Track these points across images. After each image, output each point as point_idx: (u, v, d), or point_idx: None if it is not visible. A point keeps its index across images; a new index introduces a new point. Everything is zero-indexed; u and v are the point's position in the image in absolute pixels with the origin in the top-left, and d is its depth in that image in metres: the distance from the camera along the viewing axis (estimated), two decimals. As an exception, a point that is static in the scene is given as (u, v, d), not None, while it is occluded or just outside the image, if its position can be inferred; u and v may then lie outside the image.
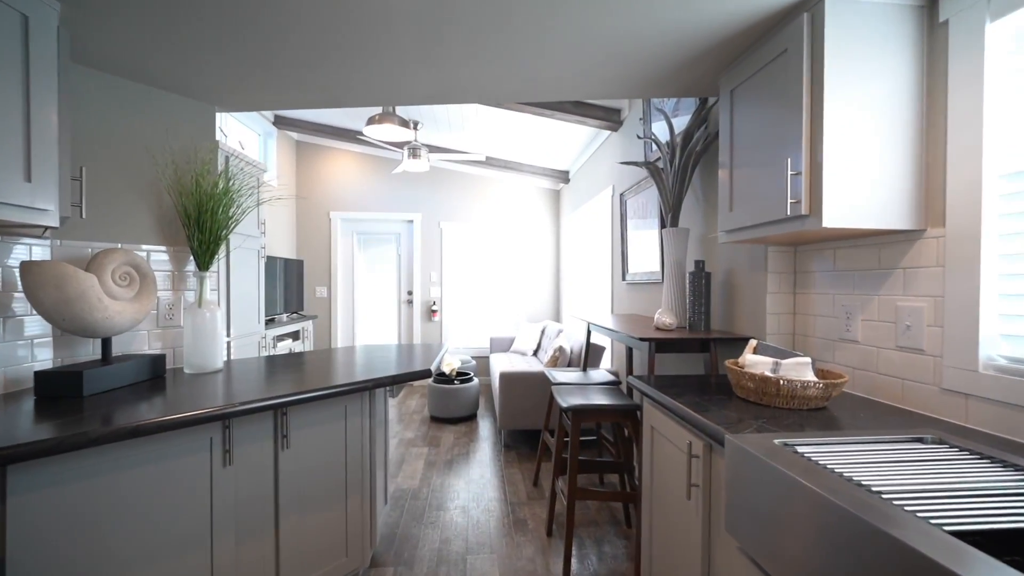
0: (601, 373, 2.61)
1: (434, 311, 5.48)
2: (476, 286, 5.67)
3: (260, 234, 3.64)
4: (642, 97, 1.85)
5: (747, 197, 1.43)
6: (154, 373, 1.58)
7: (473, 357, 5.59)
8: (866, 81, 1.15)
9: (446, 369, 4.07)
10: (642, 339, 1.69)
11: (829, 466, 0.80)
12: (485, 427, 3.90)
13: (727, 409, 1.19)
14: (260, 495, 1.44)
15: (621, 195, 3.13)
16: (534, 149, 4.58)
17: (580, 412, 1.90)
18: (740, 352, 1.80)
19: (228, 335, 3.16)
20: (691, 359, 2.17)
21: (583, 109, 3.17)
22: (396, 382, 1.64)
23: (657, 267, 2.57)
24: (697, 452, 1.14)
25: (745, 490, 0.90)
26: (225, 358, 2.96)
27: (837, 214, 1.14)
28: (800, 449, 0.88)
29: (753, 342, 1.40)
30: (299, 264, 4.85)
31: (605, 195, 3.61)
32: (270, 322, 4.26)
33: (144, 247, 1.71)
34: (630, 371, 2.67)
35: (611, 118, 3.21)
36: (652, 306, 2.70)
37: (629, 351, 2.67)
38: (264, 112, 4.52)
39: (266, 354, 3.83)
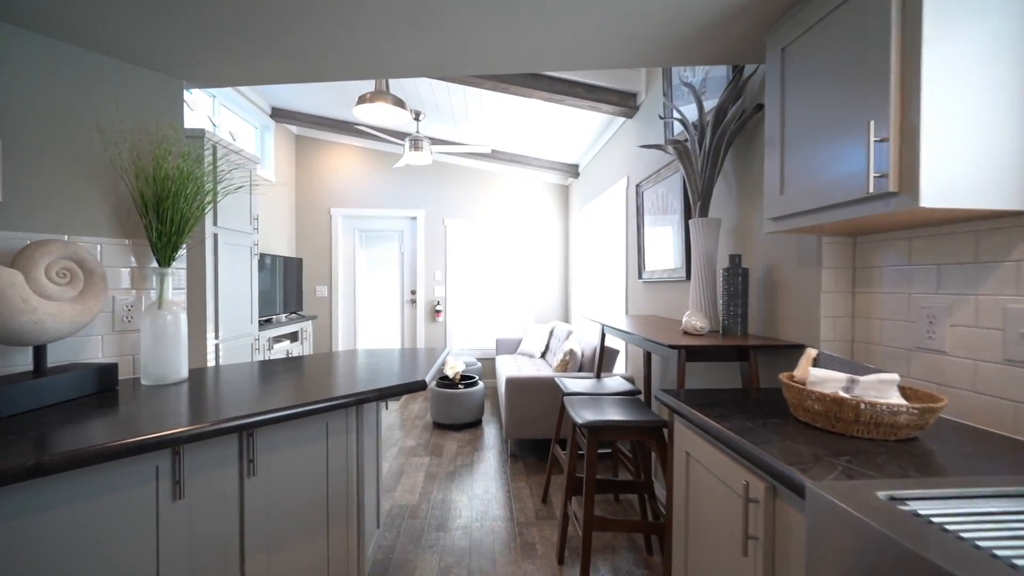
0: (617, 381, 2.36)
1: (438, 311, 5.26)
2: (482, 285, 5.44)
3: (253, 230, 3.44)
4: (667, 65, 1.60)
5: (805, 176, 1.18)
6: (102, 386, 1.36)
7: (478, 359, 5.36)
8: (975, 17, 0.89)
9: (449, 372, 3.85)
10: (672, 346, 1.44)
11: (981, 544, 0.55)
12: (491, 434, 3.66)
13: (790, 439, 0.94)
14: (220, 532, 1.22)
15: (637, 186, 2.88)
16: (542, 141, 4.33)
17: (598, 430, 1.65)
18: (785, 362, 1.54)
19: (216, 337, 2.96)
20: (722, 368, 1.92)
21: (596, 93, 2.92)
22: (383, 396, 1.41)
23: (679, 263, 2.31)
24: (756, 496, 0.89)
25: (843, 564, 0.65)
26: (191, 366, 2.75)
27: (938, 190, 0.89)
28: (922, 510, 0.63)
29: (811, 352, 1.14)
30: (298, 262, 4.66)
31: (619, 187, 3.35)
32: (267, 323, 4.07)
33: (98, 239, 1.50)
34: (648, 377, 2.42)
35: (626, 103, 2.95)
36: (672, 306, 2.44)
37: (647, 355, 2.42)
38: (260, 103, 4.32)
39: (260, 357, 3.63)
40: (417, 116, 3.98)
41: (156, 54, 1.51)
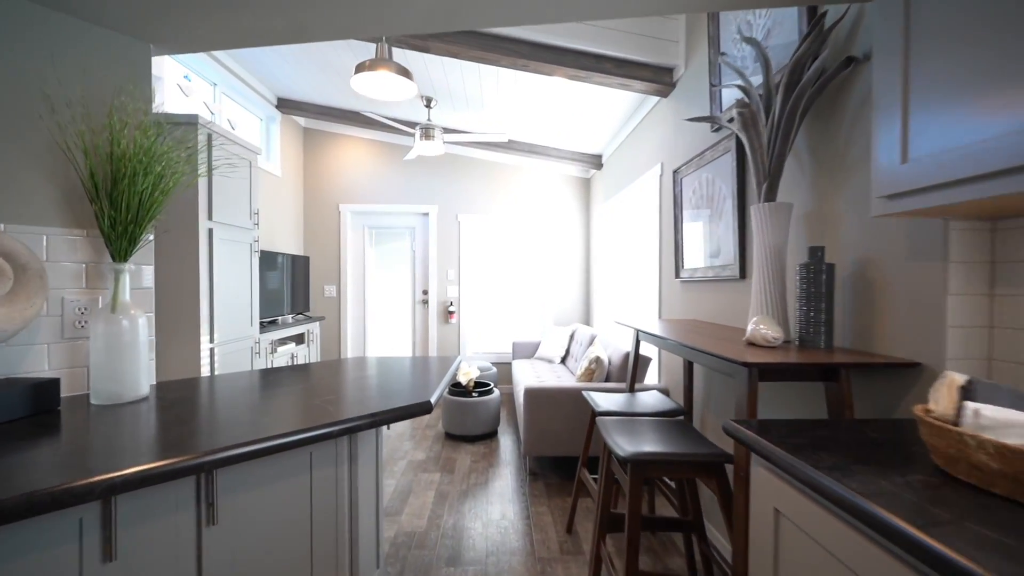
0: (654, 396, 2.04)
1: (451, 312, 4.99)
2: (497, 285, 5.16)
3: (253, 225, 3.22)
4: (733, 8, 1.28)
5: (946, 136, 0.86)
6: (38, 407, 1.11)
7: (493, 363, 5.08)
8: None
9: (463, 379, 3.57)
10: (744, 363, 1.13)
11: None
12: (507, 446, 3.37)
13: (966, 516, 0.62)
14: (168, 599, 0.95)
15: (674, 173, 2.55)
16: (563, 130, 4.03)
17: (643, 465, 1.35)
18: (886, 385, 1.21)
19: (211, 341, 2.74)
20: (796, 389, 1.59)
21: (627, 69, 2.60)
22: (378, 423, 1.13)
23: (729, 259, 1.99)
24: (926, 610, 0.58)
25: None
26: (184, 373, 2.52)
27: None
28: None
29: (955, 378, 0.82)
30: (305, 261, 4.44)
31: (650, 176, 3.03)
32: (271, 324, 3.85)
33: (44, 229, 1.26)
34: (689, 391, 2.10)
35: (662, 79, 2.63)
36: (717, 309, 2.12)
37: (687, 365, 2.10)
38: (265, 93, 4.12)
39: (262, 361, 3.42)
40: (429, 103, 3.72)
41: (115, 8, 1.26)
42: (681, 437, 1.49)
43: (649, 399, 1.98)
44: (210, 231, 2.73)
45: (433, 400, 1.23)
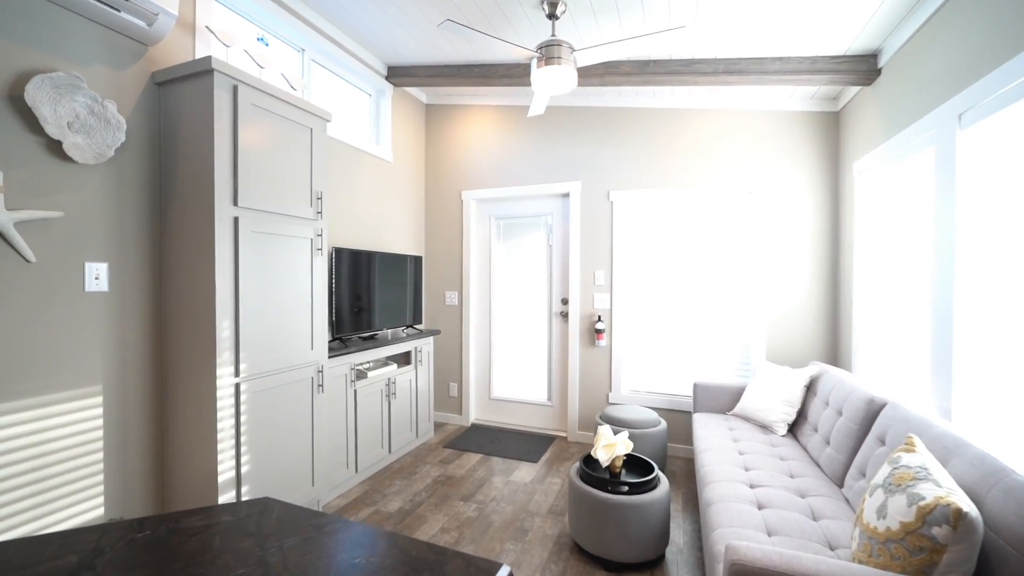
0: None
1: (599, 332, 3.53)
2: (667, 295, 3.47)
3: (316, 215, 2.38)
4: None
5: None
6: None
7: (660, 411, 3.42)
8: None
9: (603, 456, 2.11)
10: None
11: None
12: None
13: None
14: None
15: None
16: (788, 14, 2.18)
17: None
18: None
19: (236, 374, 1.92)
20: None
21: None
22: None
23: None
24: None
25: None
26: (187, 419, 1.61)
27: None
28: None
29: None
30: (416, 262, 3.61)
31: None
32: (369, 340, 3.07)
33: None
34: None
35: None
36: None
37: None
38: (372, 62, 3.37)
39: (333, 400, 2.59)
40: (553, 10, 2.37)
41: None
42: None
43: None
44: (235, 220, 1.93)
45: None
